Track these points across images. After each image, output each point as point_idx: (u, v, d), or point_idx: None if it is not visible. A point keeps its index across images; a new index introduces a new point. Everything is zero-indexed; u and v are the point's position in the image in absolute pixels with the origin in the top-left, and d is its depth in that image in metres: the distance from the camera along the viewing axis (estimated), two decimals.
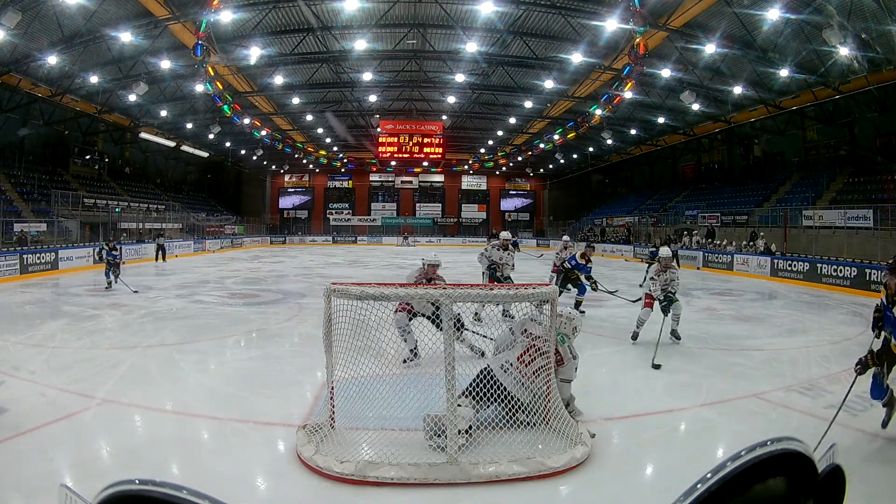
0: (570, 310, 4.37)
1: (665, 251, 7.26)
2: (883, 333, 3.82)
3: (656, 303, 6.73)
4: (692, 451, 3.69)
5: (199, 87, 20.77)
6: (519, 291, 3.93)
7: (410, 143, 33.31)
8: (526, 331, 3.89)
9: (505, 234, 8.63)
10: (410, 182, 43.46)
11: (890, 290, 3.79)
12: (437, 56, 21.83)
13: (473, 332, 5.50)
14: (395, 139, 33.44)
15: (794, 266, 15.61)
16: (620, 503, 3.08)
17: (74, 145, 26.42)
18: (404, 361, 5.26)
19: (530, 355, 3.77)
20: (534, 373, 3.74)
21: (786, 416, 4.36)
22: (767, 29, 15.64)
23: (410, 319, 5.41)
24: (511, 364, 3.77)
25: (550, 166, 40.17)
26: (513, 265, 8.54)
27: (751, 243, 19.22)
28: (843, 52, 14.49)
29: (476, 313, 6.47)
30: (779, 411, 4.44)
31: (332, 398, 3.69)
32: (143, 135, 28.31)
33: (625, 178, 39.59)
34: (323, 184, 43.81)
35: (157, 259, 20.88)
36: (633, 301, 8.29)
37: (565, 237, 10.44)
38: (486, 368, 3.80)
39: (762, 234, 19.16)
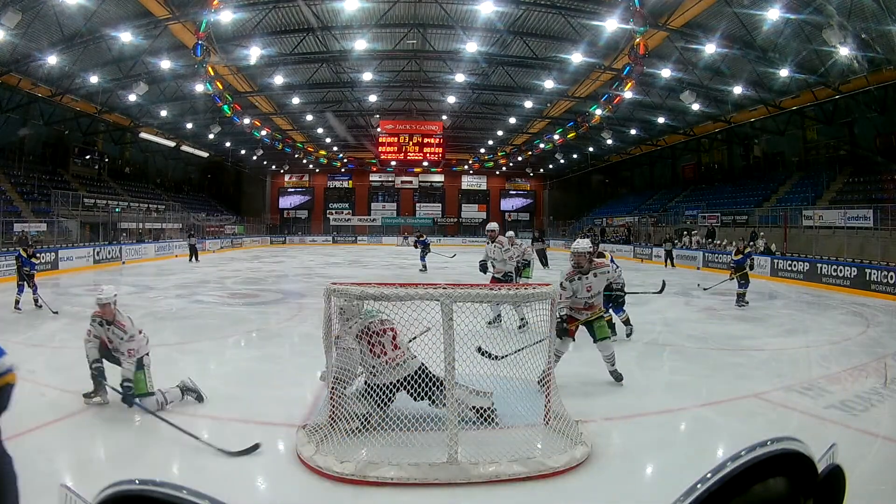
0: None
1: (582, 244, 5.12)
2: None
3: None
4: (692, 451, 3.69)
5: (199, 87, 20.77)
6: (519, 291, 3.93)
7: (410, 143, 33.30)
8: (367, 330, 3.81)
9: (491, 226, 7.77)
10: (410, 182, 43.45)
11: None
12: (437, 56, 21.83)
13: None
14: (395, 139, 33.43)
15: (794, 266, 15.61)
16: (620, 503, 3.08)
17: (74, 145, 26.40)
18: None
19: (381, 348, 3.78)
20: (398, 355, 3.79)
21: (786, 416, 4.36)
22: (767, 29, 15.63)
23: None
24: (376, 366, 3.77)
25: (550, 166, 40.16)
26: (507, 259, 7.52)
27: (751, 243, 19.21)
28: (843, 52, 14.48)
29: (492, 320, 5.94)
30: (779, 411, 4.44)
31: (332, 398, 3.69)
32: (143, 135, 28.30)
33: (625, 178, 39.58)
34: (323, 184, 43.80)
35: (190, 259, 20.70)
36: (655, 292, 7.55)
37: (510, 232, 8.45)
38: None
39: (762, 234, 19.15)
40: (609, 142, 29.60)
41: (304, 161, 38.49)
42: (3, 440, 2.44)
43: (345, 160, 39.68)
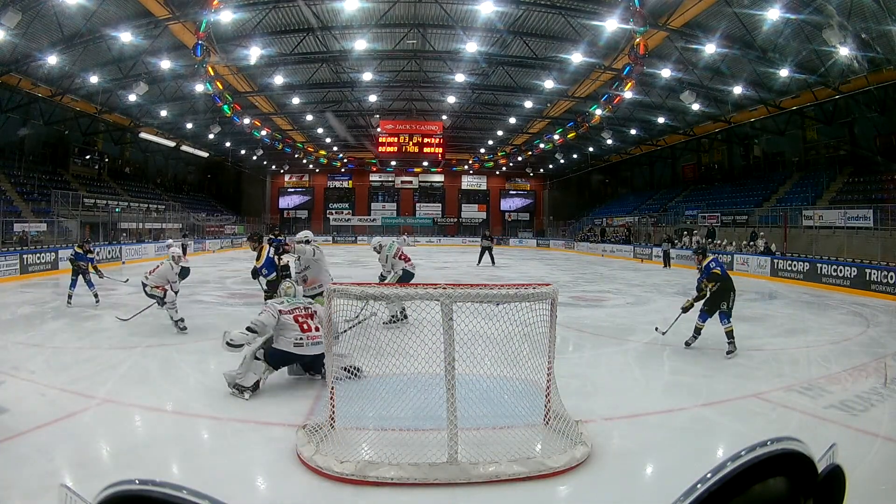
0: None
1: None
2: None
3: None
4: (692, 451, 3.69)
5: (199, 87, 20.78)
6: (519, 291, 3.92)
7: (410, 142, 33.31)
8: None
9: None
10: (410, 182, 43.47)
11: None
12: (437, 56, 21.83)
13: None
14: (395, 139, 33.45)
15: (794, 266, 15.61)
16: (620, 503, 3.08)
17: (74, 145, 26.41)
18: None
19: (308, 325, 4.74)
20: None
21: (786, 416, 4.36)
22: (767, 29, 15.63)
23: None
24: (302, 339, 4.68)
25: (550, 166, 40.17)
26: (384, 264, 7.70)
27: (751, 243, 19.22)
28: (843, 52, 14.48)
29: None
30: (779, 411, 4.44)
31: (332, 398, 3.69)
32: (143, 135, 28.31)
33: (625, 178, 39.59)
34: (323, 184, 43.82)
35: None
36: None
37: (404, 235, 8.47)
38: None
39: (762, 234, 19.16)
40: (609, 142, 29.60)
41: (304, 161, 38.50)
42: None
43: (345, 160, 39.69)
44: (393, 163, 39.12)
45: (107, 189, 27.39)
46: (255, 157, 34.89)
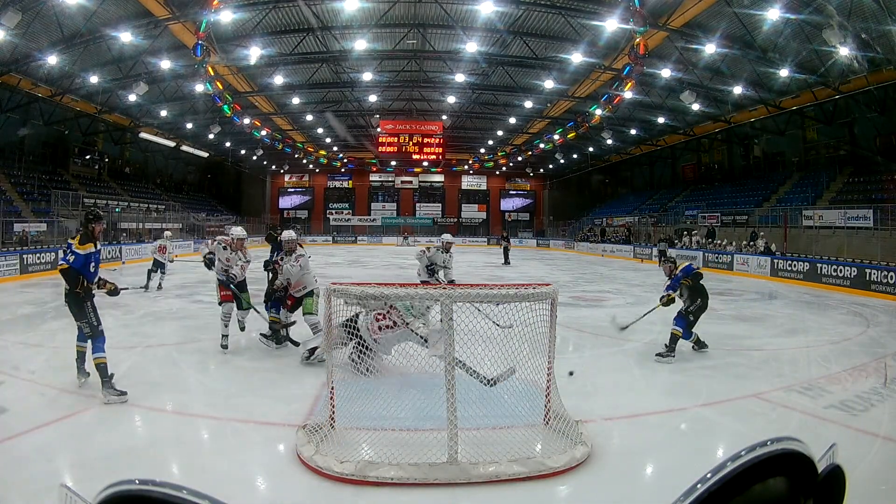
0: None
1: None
2: None
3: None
4: (692, 451, 3.69)
5: (199, 87, 20.78)
6: (519, 291, 3.92)
7: (410, 142, 33.32)
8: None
9: (448, 237, 8.35)
10: (410, 182, 43.48)
11: None
12: (437, 56, 21.83)
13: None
14: (395, 139, 33.46)
15: (794, 266, 15.61)
16: (620, 503, 3.08)
17: (74, 145, 26.42)
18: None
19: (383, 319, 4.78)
20: (378, 328, 4.72)
21: (786, 416, 4.36)
22: (767, 29, 15.64)
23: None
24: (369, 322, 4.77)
25: (550, 166, 40.18)
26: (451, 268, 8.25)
27: (751, 243, 19.22)
28: (843, 52, 14.49)
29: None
30: (779, 411, 4.44)
31: (332, 398, 3.69)
32: (143, 135, 28.32)
33: (625, 178, 39.60)
34: (323, 184, 43.83)
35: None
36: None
37: (446, 235, 8.50)
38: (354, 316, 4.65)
39: (762, 234, 19.16)
40: (609, 142, 29.60)
41: (304, 161, 38.51)
42: None
43: (345, 160, 39.70)
44: (393, 163, 39.11)
45: (107, 189, 27.40)
46: (255, 157, 34.88)
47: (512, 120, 30.12)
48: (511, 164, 39.96)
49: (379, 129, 32.96)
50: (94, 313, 4.71)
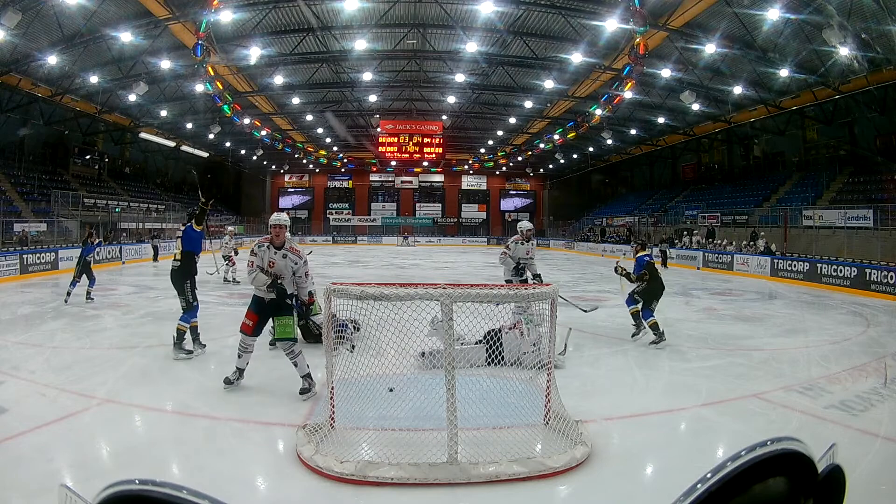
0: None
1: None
2: None
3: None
4: (692, 451, 3.69)
5: (199, 87, 20.78)
6: (519, 291, 3.93)
7: (410, 143, 33.33)
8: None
9: (526, 224, 7.30)
10: (410, 182, 43.48)
11: None
12: (437, 56, 21.84)
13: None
14: (395, 139, 33.47)
15: (794, 266, 15.61)
16: (620, 503, 3.08)
17: (74, 145, 26.42)
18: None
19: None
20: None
21: (786, 416, 4.36)
22: (767, 29, 15.64)
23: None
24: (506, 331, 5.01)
25: (550, 166, 40.18)
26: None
27: (751, 243, 19.22)
28: (843, 52, 14.49)
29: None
30: (779, 411, 4.44)
31: (332, 398, 3.69)
32: (143, 135, 28.30)
33: (625, 178, 39.61)
34: (323, 184, 43.84)
35: (154, 259, 20.91)
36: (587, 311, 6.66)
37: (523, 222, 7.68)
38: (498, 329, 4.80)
39: (762, 234, 19.16)
40: (609, 142, 29.61)
41: (304, 161, 38.51)
42: None
43: (345, 160, 39.70)
44: (393, 163, 39.13)
45: (107, 189, 27.40)
46: (255, 157, 34.87)
47: (512, 120, 30.12)
48: (511, 164, 39.97)
49: (379, 129, 32.97)
50: (193, 291, 6.06)
